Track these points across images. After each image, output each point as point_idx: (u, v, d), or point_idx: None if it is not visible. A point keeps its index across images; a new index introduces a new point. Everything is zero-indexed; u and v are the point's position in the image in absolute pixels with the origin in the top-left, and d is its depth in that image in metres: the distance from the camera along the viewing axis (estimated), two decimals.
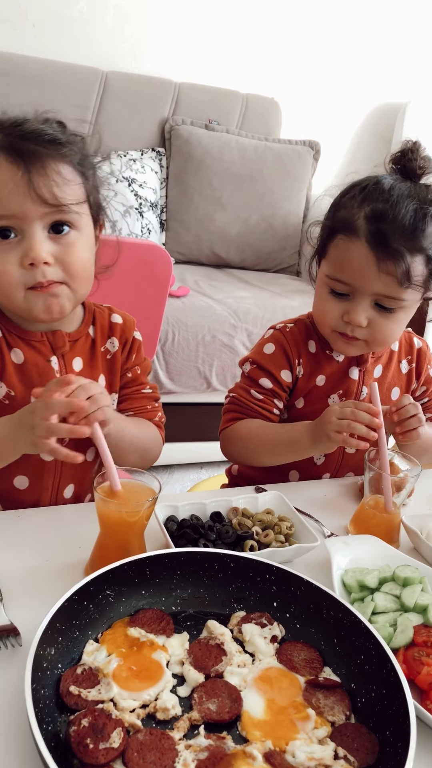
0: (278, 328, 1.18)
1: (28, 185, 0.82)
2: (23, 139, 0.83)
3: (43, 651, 0.62)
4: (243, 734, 0.62)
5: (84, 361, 1.00)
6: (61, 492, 1.03)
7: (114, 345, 1.04)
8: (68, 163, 0.87)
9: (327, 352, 1.15)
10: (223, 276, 2.75)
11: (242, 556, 0.78)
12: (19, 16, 2.55)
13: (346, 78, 3.18)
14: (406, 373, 1.23)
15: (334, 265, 1.03)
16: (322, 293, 1.07)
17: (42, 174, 0.83)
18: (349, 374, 1.15)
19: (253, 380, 1.15)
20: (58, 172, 0.85)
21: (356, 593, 0.81)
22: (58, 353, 0.97)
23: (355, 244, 0.99)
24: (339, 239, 1.02)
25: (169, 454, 2.41)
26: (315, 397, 1.16)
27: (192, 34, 2.85)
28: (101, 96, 2.62)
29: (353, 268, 1.00)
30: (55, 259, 0.87)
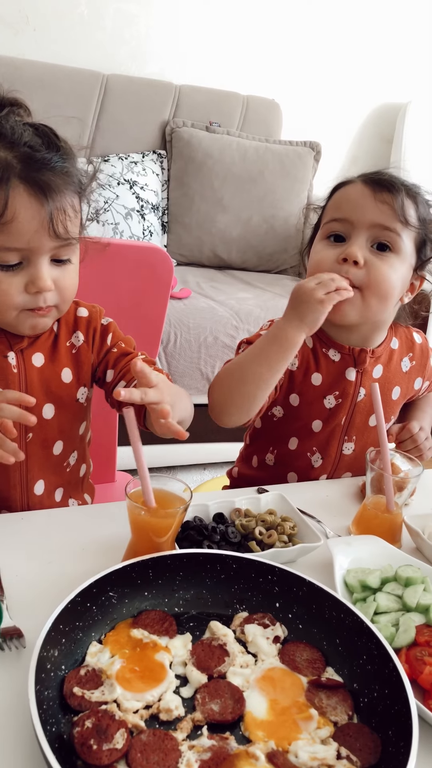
0: (277, 320, 1.16)
1: (48, 222, 0.83)
2: (41, 169, 0.83)
3: (47, 652, 0.62)
4: (246, 734, 0.62)
5: (45, 356, 1.00)
6: (31, 488, 1.03)
7: (79, 339, 1.03)
8: (76, 193, 0.88)
9: (323, 350, 1.14)
10: (224, 277, 2.76)
11: (244, 557, 0.78)
12: (19, 20, 2.56)
13: (347, 78, 3.18)
14: (407, 371, 1.22)
15: (332, 209, 1.09)
16: (318, 248, 1.10)
17: (60, 210, 0.84)
18: (346, 375, 1.14)
19: (248, 344, 1.09)
20: (71, 206, 0.87)
21: (358, 593, 0.81)
22: (15, 349, 0.97)
23: (351, 185, 1.08)
24: (337, 192, 1.10)
25: (172, 456, 2.42)
26: (311, 396, 1.15)
27: (192, 36, 2.85)
28: (102, 99, 2.63)
29: (350, 202, 1.06)
30: (55, 284, 0.89)
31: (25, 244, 0.84)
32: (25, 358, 0.98)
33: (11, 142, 0.83)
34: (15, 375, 0.97)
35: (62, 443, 1.04)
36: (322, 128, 3.14)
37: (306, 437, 1.17)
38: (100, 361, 1.05)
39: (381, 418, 0.96)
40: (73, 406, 1.04)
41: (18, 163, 0.82)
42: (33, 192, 0.82)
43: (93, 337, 1.05)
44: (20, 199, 0.82)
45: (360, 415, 1.17)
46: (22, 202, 0.82)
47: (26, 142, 0.84)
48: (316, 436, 1.17)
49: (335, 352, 1.14)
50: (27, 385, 0.98)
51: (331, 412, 1.15)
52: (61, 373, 1.01)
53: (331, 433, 1.17)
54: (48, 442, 1.02)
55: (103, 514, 0.99)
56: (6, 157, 0.82)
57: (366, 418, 1.18)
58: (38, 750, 0.54)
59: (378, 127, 3.33)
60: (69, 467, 1.09)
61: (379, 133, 3.33)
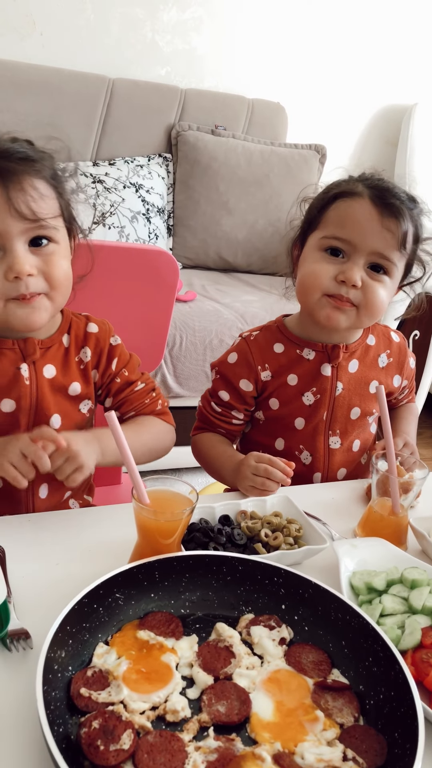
0: (244, 337, 1.22)
1: (7, 202, 0.85)
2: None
3: (54, 654, 0.63)
4: (252, 736, 0.62)
5: (57, 368, 1.01)
6: (36, 492, 1.04)
7: (87, 355, 1.05)
8: (42, 178, 0.89)
9: (297, 352, 1.18)
10: (230, 280, 2.76)
11: (250, 559, 0.78)
12: (26, 25, 2.58)
13: (352, 81, 3.18)
14: (383, 367, 1.24)
15: (335, 223, 1.07)
16: (315, 258, 1.09)
17: (19, 189, 0.85)
18: (322, 371, 1.17)
19: (215, 391, 1.20)
20: (34, 188, 0.87)
21: (364, 595, 0.82)
22: (28, 360, 0.98)
23: (358, 201, 1.05)
24: (339, 202, 1.07)
25: (178, 458, 2.41)
26: (288, 397, 1.18)
27: (198, 40, 2.86)
28: (108, 103, 2.64)
29: (356, 223, 1.04)
30: (37, 270, 0.89)
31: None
32: (37, 370, 0.99)
33: None
34: (27, 387, 0.98)
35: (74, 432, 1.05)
36: (328, 131, 3.14)
37: (291, 436, 1.20)
38: (102, 384, 1.08)
39: (387, 420, 0.96)
40: (77, 416, 1.05)
41: None
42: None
43: (99, 357, 1.06)
44: None
45: (341, 409, 1.19)
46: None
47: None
48: (300, 434, 1.19)
49: (309, 350, 1.17)
50: (38, 396, 0.99)
51: (311, 408, 1.18)
52: (69, 387, 1.03)
53: (314, 429, 1.19)
54: None
55: (110, 516, 1.00)
56: None
57: (347, 412, 1.20)
58: (46, 750, 0.54)
59: (383, 130, 3.33)
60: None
61: (384, 136, 3.33)
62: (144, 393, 1.11)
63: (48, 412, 1.00)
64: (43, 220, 0.88)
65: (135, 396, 1.10)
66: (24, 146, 0.90)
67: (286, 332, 1.19)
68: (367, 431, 1.25)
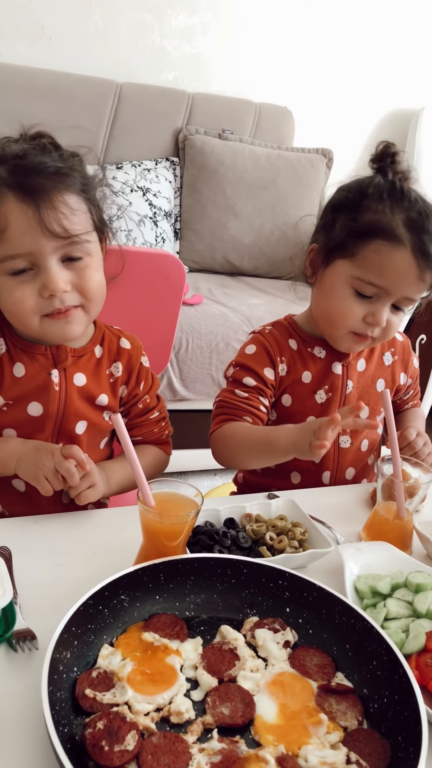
0: (258, 331, 1.21)
1: (40, 222, 0.84)
2: (27, 174, 0.84)
3: (59, 654, 0.63)
4: (256, 738, 0.62)
5: (87, 377, 1.02)
6: (59, 498, 1.04)
7: (118, 370, 1.06)
8: (72, 192, 0.88)
9: (309, 350, 1.18)
10: (236, 284, 2.76)
11: (255, 562, 0.79)
12: (35, 31, 2.60)
13: (359, 85, 3.19)
14: (389, 365, 1.25)
15: (373, 270, 1.03)
16: (343, 294, 1.07)
17: (51, 208, 0.84)
18: (333, 369, 1.18)
19: (237, 381, 1.16)
20: (65, 204, 0.86)
21: (369, 599, 0.82)
22: (59, 367, 0.99)
23: (400, 252, 1.01)
24: (380, 245, 1.02)
25: (184, 461, 2.42)
26: (301, 395, 1.18)
27: (205, 44, 2.87)
28: (116, 107, 2.66)
29: (396, 276, 1.03)
30: (72, 285, 0.89)
31: (25, 249, 0.85)
32: (67, 377, 1.00)
33: (10, 159, 0.85)
34: (56, 393, 0.99)
35: (87, 457, 1.06)
36: (335, 135, 3.14)
37: None
38: (126, 402, 1.09)
39: (392, 423, 0.96)
40: (102, 424, 1.06)
41: (6, 173, 0.84)
42: (21, 197, 0.83)
43: (130, 374, 1.07)
44: (10, 207, 0.83)
45: None
46: (11, 209, 0.83)
47: (16, 154, 0.85)
48: None
49: (320, 349, 1.18)
50: (66, 403, 1.00)
51: (323, 406, 1.18)
52: (98, 397, 1.04)
53: None
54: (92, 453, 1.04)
55: (116, 518, 1.00)
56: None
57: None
58: (51, 750, 0.54)
59: (390, 134, 3.33)
60: None
61: (392, 139, 3.28)
62: (155, 422, 1.13)
63: (74, 419, 1.01)
64: (76, 236, 0.87)
65: (147, 423, 1.12)
66: (53, 157, 0.87)
67: (297, 329, 1.20)
68: (374, 433, 1.25)
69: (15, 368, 0.97)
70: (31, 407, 0.98)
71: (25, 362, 0.98)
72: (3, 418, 0.98)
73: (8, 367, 0.97)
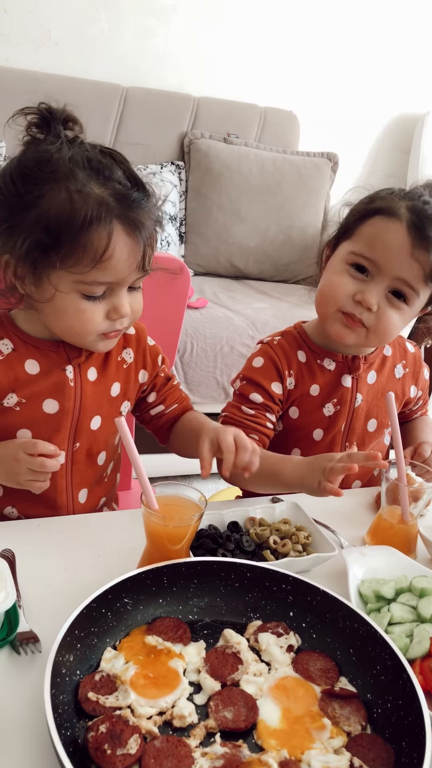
0: (266, 342, 1.18)
1: (140, 260, 0.87)
2: (132, 208, 0.85)
3: (62, 657, 0.63)
4: (259, 743, 0.62)
5: (98, 370, 1.02)
6: (75, 495, 1.05)
7: (130, 356, 1.06)
8: (155, 229, 0.91)
9: (318, 362, 1.16)
10: (241, 287, 2.77)
11: (258, 566, 0.79)
12: (42, 35, 2.61)
13: (364, 89, 3.19)
14: (400, 377, 1.23)
15: (366, 241, 1.04)
16: (338, 269, 1.07)
17: (149, 246, 0.88)
18: (342, 382, 1.16)
19: (243, 396, 1.14)
20: (156, 243, 0.91)
21: (373, 603, 0.81)
22: (74, 363, 0.99)
23: (394, 224, 1.01)
24: (376, 219, 1.03)
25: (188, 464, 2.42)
26: (309, 408, 1.16)
27: (210, 49, 2.88)
28: (122, 111, 2.67)
29: (387, 247, 1.02)
30: (130, 309, 0.92)
31: (116, 278, 0.87)
32: (82, 372, 1.00)
33: (105, 177, 0.85)
34: (72, 389, 0.99)
35: (105, 454, 1.07)
36: (340, 139, 3.15)
37: (308, 446, 1.18)
38: (149, 382, 1.10)
39: (396, 428, 0.96)
40: (117, 417, 1.06)
41: (115, 202, 0.84)
42: (130, 231, 0.85)
43: (145, 357, 1.08)
44: (119, 238, 0.84)
45: (358, 421, 1.18)
46: (119, 240, 0.84)
47: (117, 178, 0.86)
48: (317, 445, 1.18)
49: (330, 360, 1.16)
50: (82, 398, 1.00)
51: (330, 419, 1.17)
52: (111, 387, 1.04)
53: (332, 440, 1.18)
54: (92, 452, 1.05)
55: (119, 521, 1.00)
56: (102, 195, 0.83)
57: (364, 423, 1.19)
58: (53, 754, 0.54)
59: (395, 138, 3.33)
60: (107, 477, 1.12)
61: (396, 144, 3.33)
62: (178, 387, 1.14)
63: (90, 415, 1.01)
64: (151, 270, 0.92)
65: (174, 390, 1.12)
66: (147, 191, 0.89)
67: (307, 340, 1.18)
68: (381, 443, 1.24)
69: (27, 365, 0.97)
70: (46, 405, 0.98)
71: (38, 359, 0.97)
72: (17, 418, 0.97)
73: (20, 365, 0.96)
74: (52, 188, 0.82)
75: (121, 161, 0.89)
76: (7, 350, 0.96)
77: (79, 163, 0.83)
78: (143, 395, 1.11)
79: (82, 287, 0.86)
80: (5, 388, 0.95)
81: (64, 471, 1.02)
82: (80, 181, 0.82)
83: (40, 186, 0.83)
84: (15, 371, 0.96)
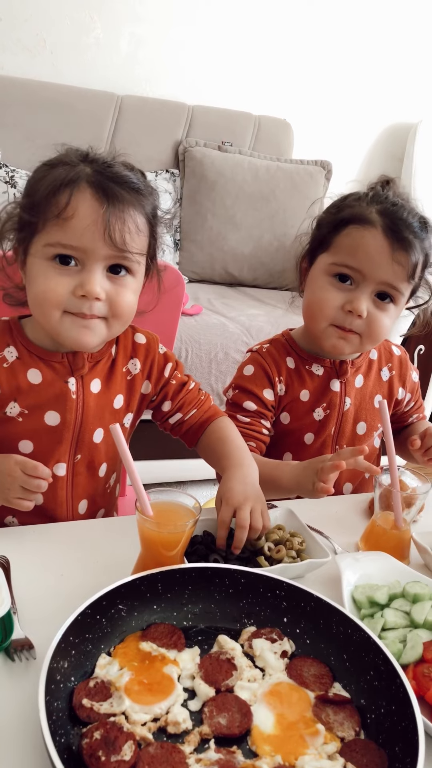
0: (255, 350, 1.20)
1: (104, 226, 0.85)
2: (111, 180, 0.86)
3: (57, 664, 0.63)
4: (253, 749, 0.62)
5: (102, 381, 1.02)
6: (75, 507, 1.05)
7: (136, 366, 1.05)
8: (143, 213, 0.90)
9: (306, 368, 1.18)
10: (235, 294, 2.78)
11: (253, 572, 0.79)
12: (37, 44, 2.62)
13: (357, 98, 3.21)
14: (387, 380, 1.25)
15: (345, 251, 1.06)
16: (322, 284, 1.09)
17: (119, 218, 0.86)
18: (331, 386, 1.18)
19: (237, 405, 1.16)
20: (134, 221, 0.89)
21: (366, 609, 0.82)
22: (76, 375, 0.98)
23: (370, 231, 1.04)
24: (351, 229, 1.06)
25: (183, 471, 2.43)
26: (300, 413, 1.18)
27: (204, 58, 2.90)
28: (116, 119, 2.68)
29: (367, 254, 1.04)
30: (106, 296, 0.90)
31: (81, 244, 0.86)
32: (84, 384, 0.99)
33: (99, 163, 0.88)
34: (73, 401, 0.98)
35: (106, 465, 1.07)
36: (333, 147, 3.17)
37: (299, 451, 1.20)
38: (158, 392, 1.08)
39: (389, 433, 0.97)
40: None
41: (92, 172, 0.86)
42: (96, 195, 0.85)
43: (151, 368, 1.07)
44: (82, 198, 0.85)
45: (347, 424, 1.20)
46: (84, 201, 0.85)
47: (108, 164, 0.88)
48: (308, 449, 1.20)
49: (318, 366, 1.18)
50: (84, 411, 0.99)
51: (320, 423, 1.19)
52: (114, 399, 1.03)
53: (322, 444, 1.20)
54: (94, 464, 1.04)
55: (114, 527, 1.00)
56: (84, 168, 0.86)
57: (353, 427, 1.21)
58: (47, 761, 0.54)
59: (388, 146, 3.36)
60: (109, 488, 1.12)
61: (389, 152, 3.35)
62: (196, 391, 1.11)
63: (92, 428, 1.01)
64: (129, 252, 0.89)
65: (191, 395, 1.10)
66: (138, 177, 0.91)
67: (295, 346, 1.20)
68: (371, 446, 1.25)
69: (30, 374, 0.96)
70: (48, 416, 0.97)
71: (41, 369, 0.97)
72: (19, 428, 0.97)
73: (23, 374, 0.96)
74: (49, 170, 0.87)
75: (129, 166, 0.92)
76: (12, 358, 0.96)
77: (85, 157, 0.89)
78: (156, 404, 1.10)
79: (47, 250, 0.87)
80: (7, 396, 0.95)
81: (65, 483, 1.02)
82: (73, 162, 0.87)
83: (45, 176, 0.87)
84: (17, 380, 0.96)
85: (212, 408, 1.11)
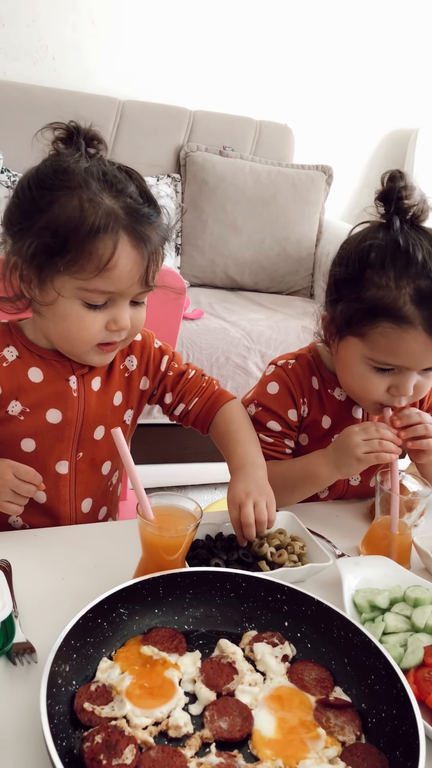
0: (280, 365, 1.15)
1: (144, 273, 0.88)
2: (140, 222, 0.87)
3: (58, 668, 0.63)
4: (254, 753, 0.62)
5: (101, 379, 1.03)
6: (79, 505, 1.05)
7: (132, 363, 1.06)
8: (163, 244, 0.92)
9: (329, 391, 1.13)
10: (236, 299, 2.78)
11: (254, 576, 0.79)
12: (39, 50, 2.64)
13: (358, 103, 3.23)
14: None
15: (384, 351, 0.96)
16: (361, 371, 1.00)
17: (154, 261, 0.89)
18: (353, 414, 1.14)
19: (260, 423, 1.12)
20: (161, 257, 0.92)
21: (367, 613, 0.82)
22: (77, 373, 0.99)
23: (410, 333, 0.92)
24: (387, 328, 0.93)
25: (184, 475, 2.43)
26: (318, 436, 1.15)
27: (206, 63, 2.92)
28: (118, 124, 2.69)
29: (410, 355, 0.95)
30: (130, 322, 0.93)
31: (116, 288, 0.88)
32: (85, 383, 1.01)
33: (118, 190, 0.87)
34: (75, 399, 0.99)
35: (110, 463, 1.08)
36: (334, 152, 3.18)
37: None
38: (156, 386, 1.09)
39: None
40: (120, 427, 1.06)
41: (124, 214, 0.86)
42: (135, 243, 0.86)
43: (147, 363, 1.08)
44: (124, 248, 0.85)
45: None
46: (124, 252, 0.86)
47: (130, 193, 0.88)
48: None
49: (341, 391, 1.13)
50: (85, 409, 1.01)
51: None
52: (113, 397, 1.04)
53: None
54: (96, 462, 1.05)
55: (115, 531, 1.01)
56: (113, 207, 0.85)
57: None
58: (49, 764, 0.54)
59: (389, 152, 3.37)
60: (111, 486, 1.13)
61: (390, 157, 3.36)
62: (198, 378, 1.10)
63: (93, 425, 1.02)
64: (155, 286, 0.93)
65: (191, 384, 1.09)
66: (158, 209, 0.91)
67: (320, 366, 1.14)
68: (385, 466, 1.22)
69: (31, 373, 0.97)
70: (50, 414, 0.98)
71: (42, 368, 0.98)
72: (21, 427, 0.98)
73: (23, 373, 0.97)
74: (65, 195, 0.84)
75: (136, 179, 0.91)
76: (12, 357, 0.97)
77: (94, 175, 0.86)
78: (158, 398, 1.11)
79: (84, 294, 0.87)
80: (8, 394, 0.96)
81: (68, 481, 1.03)
82: (93, 191, 0.84)
83: (53, 192, 0.85)
84: (18, 379, 0.97)
85: (216, 393, 1.10)
